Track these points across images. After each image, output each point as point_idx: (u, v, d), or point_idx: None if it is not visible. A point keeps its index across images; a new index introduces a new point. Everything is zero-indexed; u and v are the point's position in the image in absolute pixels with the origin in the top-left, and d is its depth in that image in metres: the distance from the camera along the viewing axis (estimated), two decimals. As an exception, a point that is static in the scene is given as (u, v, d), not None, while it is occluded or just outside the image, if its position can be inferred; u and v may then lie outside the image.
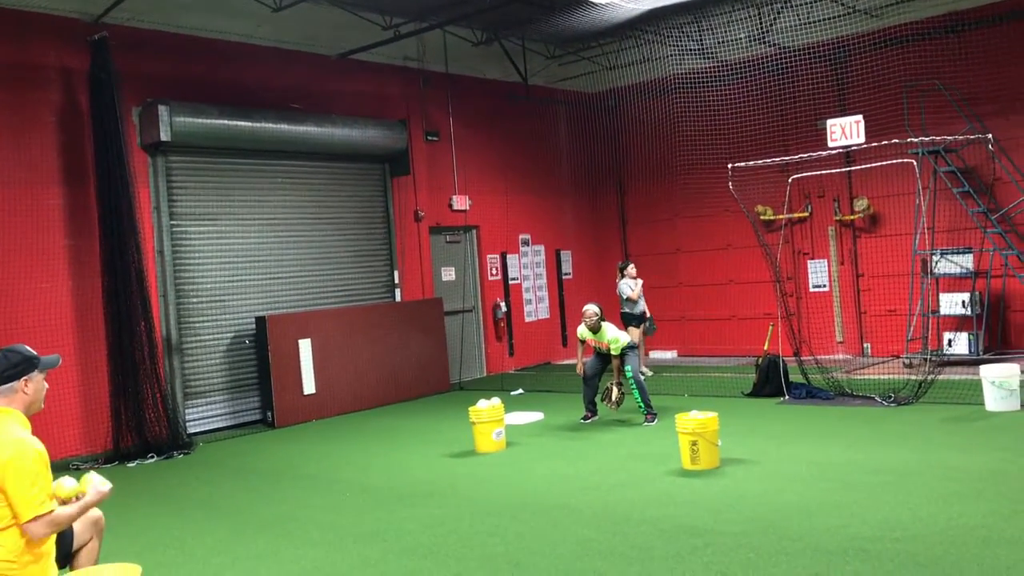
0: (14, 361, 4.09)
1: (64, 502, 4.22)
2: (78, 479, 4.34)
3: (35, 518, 3.85)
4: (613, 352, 9.75)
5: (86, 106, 10.31)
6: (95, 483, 4.26)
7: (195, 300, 11.37)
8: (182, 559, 6.03)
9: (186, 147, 11.20)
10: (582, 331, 10.00)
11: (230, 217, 11.79)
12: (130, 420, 9.98)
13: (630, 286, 12.73)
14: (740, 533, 5.57)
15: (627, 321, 12.71)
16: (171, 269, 11.12)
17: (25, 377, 4.10)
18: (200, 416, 11.25)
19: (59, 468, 9.41)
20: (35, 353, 4.20)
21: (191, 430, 10.89)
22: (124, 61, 10.30)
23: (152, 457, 9.78)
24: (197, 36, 11.48)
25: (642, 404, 9.69)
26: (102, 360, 10.14)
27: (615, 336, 9.78)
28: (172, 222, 11.21)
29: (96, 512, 4.52)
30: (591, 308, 9.86)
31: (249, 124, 11.48)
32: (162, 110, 10.62)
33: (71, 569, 4.42)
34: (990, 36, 11.94)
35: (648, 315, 12.96)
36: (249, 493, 7.88)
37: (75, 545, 4.45)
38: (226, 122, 11.25)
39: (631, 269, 12.98)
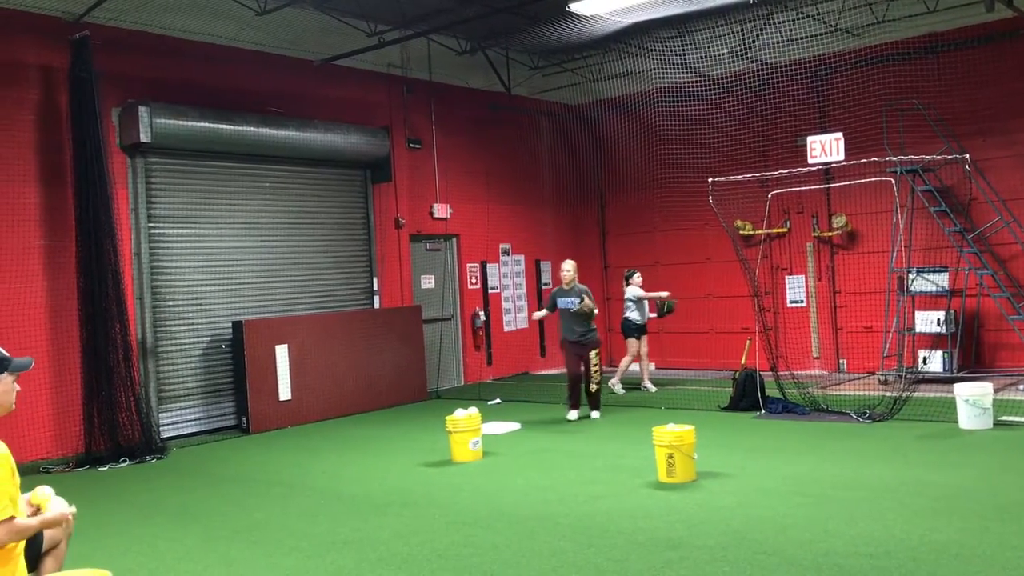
0: None
1: (37, 509, 4.18)
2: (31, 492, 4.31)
3: None
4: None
5: (65, 105, 10.21)
6: (59, 502, 4.22)
7: (171, 303, 11.27)
8: (153, 565, 5.96)
9: (166, 149, 11.13)
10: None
11: (209, 220, 11.72)
12: (103, 423, 9.87)
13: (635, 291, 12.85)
14: (715, 546, 5.58)
15: (626, 331, 12.90)
16: (148, 272, 11.02)
17: None
18: (174, 421, 11.14)
19: (29, 471, 9.32)
20: (7, 354, 4.14)
21: (165, 435, 10.78)
22: (105, 61, 10.23)
23: (124, 461, 9.68)
24: (180, 38, 11.42)
25: None
26: (75, 362, 10.03)
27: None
28: (150, 224, 11.12)
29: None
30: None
31: (230, 127, 11.42)
32: (142, 111, 10.55)
33: (38, 571, 4.36)
34: (968, 58, 12.08)
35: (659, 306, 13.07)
36: (222, 499, 7.80)
37: (45, 547, 4.39)
38: (207, 125, 11.19)
39: (636, 278, 13.04)
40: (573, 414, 10.80)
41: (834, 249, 14.22)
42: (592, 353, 10.60)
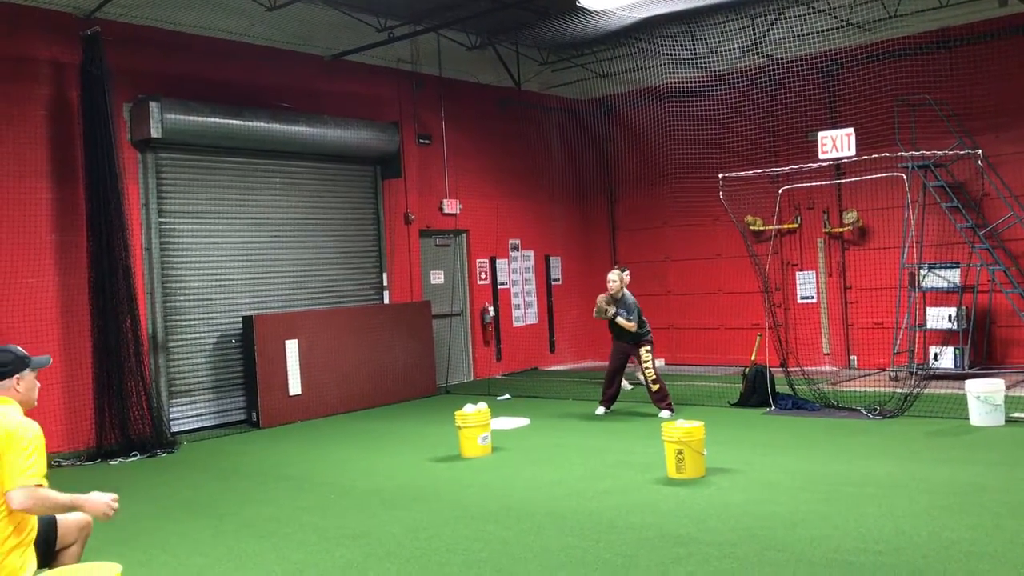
0: (5, 360, 4.28)
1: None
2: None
3: (19, 487, 3.94)
4: None
5: (77, 101, 10.25)
6: (98, 494, 4.26)
7: (182, 298, 11.31)
8: (163, 559, 5.99)
9: (176, 144, 11.15)
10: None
11: (219, 215, 11.75)
12: (114, 418, 9.92)
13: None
14: (724, 542, 5.57)
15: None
16: (158, 266, 11.06)
17: (17, 376, 4.28)
18: (184, 415, 11.19)
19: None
20: (26, 353, 4.38)
21: (175, 429, 10.83)
22: (116, 56, 10.26)
23: (135, 455, 9.71)
24: (190, 33, 11.45)
25: None
26: (86, 356, 10.08)
27: None
28: (160, 219, 11.16)
29: (86, 518, 4.51)
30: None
31: (240, 123, 11.45)
32: (153, 107, 10.58)
33: (49, 567, 4.38)
34: (981, 52, 12.02)
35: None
36: (232, 493, 7.83)
37: (58, 546, 4.42)
38: (217, 120, 11.21)
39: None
40: (600, 410, 10.86)
41: (845, 245, 14.16)
42: (642, 350, 10.49)
